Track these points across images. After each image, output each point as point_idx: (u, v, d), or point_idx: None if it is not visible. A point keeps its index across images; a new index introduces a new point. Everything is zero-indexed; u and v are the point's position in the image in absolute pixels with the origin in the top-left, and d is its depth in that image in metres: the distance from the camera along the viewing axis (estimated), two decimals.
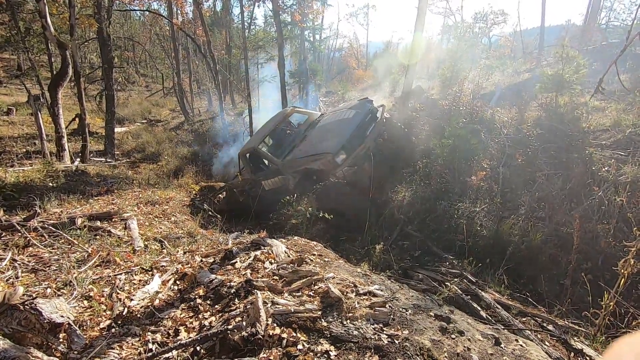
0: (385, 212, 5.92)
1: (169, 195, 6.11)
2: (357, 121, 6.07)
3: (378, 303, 2.24)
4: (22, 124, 13.18)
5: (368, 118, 6.13)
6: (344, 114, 6.59)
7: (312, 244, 3.56)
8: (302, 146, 6.33)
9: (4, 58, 24.07)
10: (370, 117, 6.15)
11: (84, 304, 2.47)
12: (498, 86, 9.38)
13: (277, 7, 10.30)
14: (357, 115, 6.23)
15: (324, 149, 5.80)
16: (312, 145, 6.18)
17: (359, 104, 6.80)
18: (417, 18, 7.58)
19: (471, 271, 4.21)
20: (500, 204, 5.19)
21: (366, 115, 6.16)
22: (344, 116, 6.55)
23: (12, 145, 9.99)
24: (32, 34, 14.74)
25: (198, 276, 2.72)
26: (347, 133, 5.85)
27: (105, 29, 10.79)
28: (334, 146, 5.71)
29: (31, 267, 2.91)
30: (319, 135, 6.41)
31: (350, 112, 6.48)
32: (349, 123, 6.13)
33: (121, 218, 4.48)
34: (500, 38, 25.63)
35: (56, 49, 10.00)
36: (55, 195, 5.12)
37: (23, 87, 18.16)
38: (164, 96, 24.06)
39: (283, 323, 2.08)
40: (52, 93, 8.30)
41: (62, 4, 10.70)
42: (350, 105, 6.96)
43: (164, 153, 11.90)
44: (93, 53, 20.53)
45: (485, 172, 5.57)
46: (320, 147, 5.93)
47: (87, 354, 1.91)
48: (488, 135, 6.52)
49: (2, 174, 5.59)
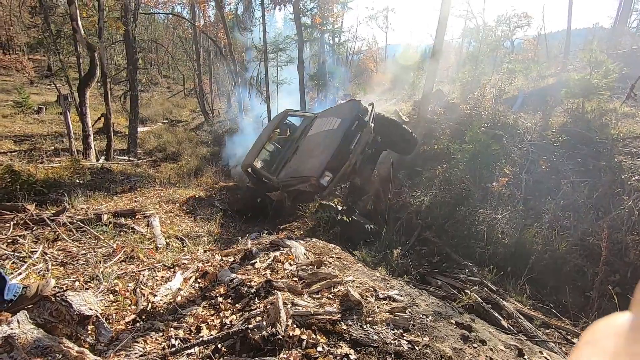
0: (403, 216, 5.86)
1: (189, 194, 6.24)
2: (341, 133, 5.39)
3: (398, 308, 2.22)
4: (51, 122, 13.72)
5: (355, 126, 5.42)
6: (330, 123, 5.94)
7: (330, 246, 3.57)
8: (293, 161, 5.89)
9: (36, 59, 25.14)
10: (357, 125, 5.42)
11: (109, 298, 2.55)
12: (521, 91, 9.17)
13: (297, 10, 10.39)
14: (343, 124, 5.54)
15: (308, 171, 5.33)
16: (301, 162, 5.73)
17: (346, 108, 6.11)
18: (439, 21, 7.50)
19: (491, 279, 4.12)
20: (522, 212, 5.07)
21: (352, 122, 5.44)
22: (330, 126, 5.90)
23: (41, 142, 10.40)
24: (62, 36, 15.38)
25: (219, 275, 2.76)
26: (331, 150, 5.26)
27: (131, 31, 11.14)
28: (317, 168, 5.19)
29: (60, 261, 3.02)
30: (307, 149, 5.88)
31: (336, 121, 5.81)
32: (334, 136, 5.49)
33: (144, 215, 4.60)
34: (524, 41, 25.02)
35: (84, 50, 10.40)
36: (82, 191, 5.31)
37: (52, 87, 18.93)
38: (185, 97, 24.62)
39: (303, 324, 2.09)
40: (81, 93, 8.62)
41: (92, 8, 11.11)
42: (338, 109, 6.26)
43: (184, 153, 12.15)
44: (119, 55, 21.17)
45: (507, 179, 5.45)
46: (305, 168, 5.47)
47: (114, 347, 1.97)
48: (511, 140, 6.37)
49: (33, 170, 5.83)
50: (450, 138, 6.91)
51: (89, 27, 12.22)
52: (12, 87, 17.57)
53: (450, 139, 6.89)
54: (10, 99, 15.34)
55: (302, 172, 5.44)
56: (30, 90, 17.65)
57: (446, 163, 6.34)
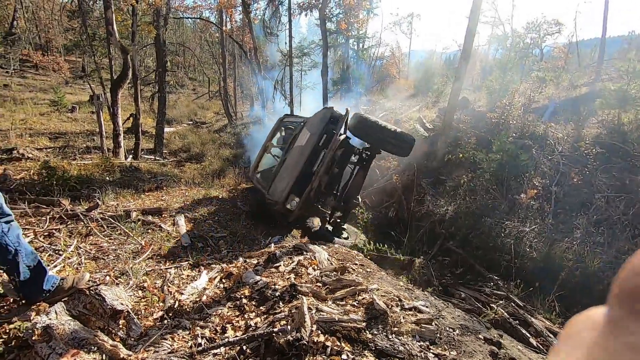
0: (425, 225, 5.77)
1: (212, 195, 6.35)
2: (307, 152, 4.98)
3: (424, 320, 2.18)
4: (83, 120, 14.33)
5: (323, 140, 4.97)
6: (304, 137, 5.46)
7: (353, 253, 3.55)
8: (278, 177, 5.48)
9: (71, 60, 26.38)
10: (325, 139, 4.94)
11: (138, 293, 2.62)
12: (552, 100, 8.88)
13: (323, 15, 10.47)
14: (310, 139, 5.08)
15: (278, 194, 5.06)
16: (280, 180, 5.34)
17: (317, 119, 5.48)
18: (468, 29, 7.38)
19: (518, 294, 3.99)
20: (552, 226, 4.90)
21: (320, 137, 4.98)
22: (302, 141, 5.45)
23: (74, 140, 10.88)
24: (97, 39, 16.06)
25: (243, 276, 2.79)
26: (295, 172, 4.94)
27: (162, 35, 11.53)
28: (282, 192, 4.96)
29: (92, 255, 3.13)
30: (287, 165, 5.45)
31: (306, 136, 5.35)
32: (301, 155, 5.12)
33: (170, 214, 4.72)
34: (554, 49, 24.27)
35: (117, 52, 10.83)
36: (112, 188, 5.50)
37: (85, 87, 19.78)
38: (209, 99, 25.20)
39: (327, 331, 2.08)
40: (113, 94, 8.97)
41: (126, 12, 11.57)
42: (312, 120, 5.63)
43: (208, 154, 12.41)
44: (149, 58, 21.93)
45: (536, 191, 5.28)
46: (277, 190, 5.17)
47: (143, 342, 2.02)
48: (540, 151, 6.18)
49: (67, 166, 6.09)
50: (476, 147, 6.76)
51: (122, 30, 12.72)
52: (48, 87, 18.49)
53: (476, 147, 6.74)
54: (47, 98, 16.14)
55: (274, 193, 5.17)
56: (65, 89, 18.51)
57: (471, 172, 6.21)
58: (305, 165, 4.90)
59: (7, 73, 19.56)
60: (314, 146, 4.94)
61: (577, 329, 0.26)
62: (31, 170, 5.74)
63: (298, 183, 4.85)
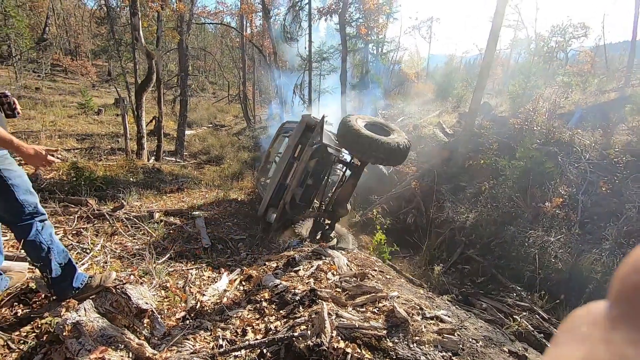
0: (445, 232, 5.67)
1: (231, 197, 6.44)
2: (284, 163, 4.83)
3: (447, 330, 2.14)
4: (108, 123, 14.82)
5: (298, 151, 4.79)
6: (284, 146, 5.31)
7: (372, 259, 3.52)
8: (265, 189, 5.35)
9: (98, 64, 27.40)
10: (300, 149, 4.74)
11: (161, 293, 2.67)
12: (578, 106, 8.60)
13: (343, 20, 10.51)
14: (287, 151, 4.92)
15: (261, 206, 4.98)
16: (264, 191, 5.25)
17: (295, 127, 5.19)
18: (491, 32, 7.26)
19: (543, 306, 3.86)
20: (579, 236, 4.72)
21: (295, 148, 4.79)
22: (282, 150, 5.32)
23: (100, 141, 11.26)
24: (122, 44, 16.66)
25: (263, 279, 2.81)
26: (272, 185, 4.85)
27: (185, 40, 11.84)
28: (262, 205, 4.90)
29: (117, 254, 3.22)
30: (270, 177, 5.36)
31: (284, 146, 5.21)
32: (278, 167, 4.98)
33: (191, 216, 4.81)
34: (580, 52, 23.54)
35: (141, 57, 11.19)
36: (136, 189, 5.66)
37: (111, 90, 20.48)
38: (229, 103, 25.65)
39: (347, 337, 2.07)
40: (138, 97, 9.25)
41: (152, 18, 11.94)
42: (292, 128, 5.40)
43: (227, 156, 12.61)
44: (172, 62, 22.53)
45: (562, 199, 5.11)
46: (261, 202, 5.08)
47: (167, 342, 2.06)
48: (566, 159, 5.98)
49: (93, 167, 6.31)
50: (498, 153, 6.61)
51: (147, 36, 13.15)
52: (76, 90, 19.23)
53: (498, 154, 6.59)
54: (75, 101, 16.80)
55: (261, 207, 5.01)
56: (92, 93, 19.22)
57: (493, 179, 6.07)
58: (281, 177, 4.78)
59: (38, 77, 20.48)
60: (290, 158, 4.79)
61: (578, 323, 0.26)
62: (60, 170, 5.97)
63: (276, 196, 4.75)
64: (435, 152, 8.08)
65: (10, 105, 2.00)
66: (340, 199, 4.60)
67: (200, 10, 17.51)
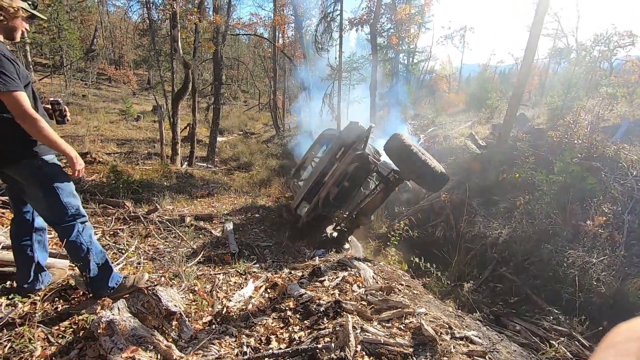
0: (475, 247, 5.46)
1: (259, 204, 6.54)
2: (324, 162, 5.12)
3: (477, 352, 2.04)
4: (146, 129, 15.58)
5: (340, 153, 5.02)
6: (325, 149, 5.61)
7: (399, 272, 3.44)
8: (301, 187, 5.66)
9: (139, 73, 28.98)
10: (342, 152, 4.98)
11: (189, 296, 2.74)
12: (624, 119, 8.08)
13: (374, 31, 10.54)
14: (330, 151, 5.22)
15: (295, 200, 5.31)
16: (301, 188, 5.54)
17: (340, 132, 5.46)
18: (529, 41, 7.01)
19: (582, 332, 3.61)
20: (624, 258, 4.40)
21: (337, 150, 5.05)
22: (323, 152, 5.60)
23: (138, 146, 11.84)
24: (162, 54, 17.57)
25: (288, 288, 2.82)
26: (310, 181, 5.14)
27: (220, 50, 12.29)
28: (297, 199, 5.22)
29: (150, 256, 3.34)
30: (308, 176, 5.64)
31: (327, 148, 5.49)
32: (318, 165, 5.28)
33: (220, 221, 4.93)
34: (625, 62, 22.20)
35: (178, 66, 11.72)
36: (169, 193, 5.88)
37: (149, 98, 21.54)
38: (259, 111, 26.26)
39: (372, 353, 2.02)
40: (174, 105, 9.68)
41: (190, 30, 12.51)
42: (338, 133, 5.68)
43: (255, 163, 12.86)
44: (207, 71, 23.44)
45: (605, 218, 4.79)
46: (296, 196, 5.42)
47: (193, 345, 2.09)
48: (610, 175, 5.62)
49: (131, 170, 6.63)
50: (535, 167, 6.31)
51: (185, 47, 13.78)
52: (118, 97, 20.42)
53: (535, 168, 6.29)
54: (116, 107, 17.83)
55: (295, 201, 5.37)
56: (132, 100, 20.32)
57: (529, 194, 5.79)
58: (320, 175, 5.06)
59: (85, 85, 21.95)
60: (331, 158, 5.08)
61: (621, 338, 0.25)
62: (101, 173, 6.32)
63: (311, 192, 5.05)
64: (467, 164, 7.85)
65: (61, 113, 2.15)
66: (366, 208, 4.65)
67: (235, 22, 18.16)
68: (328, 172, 4.98)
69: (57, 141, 1.88)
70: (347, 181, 4.87)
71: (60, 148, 1.91)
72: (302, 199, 5.04)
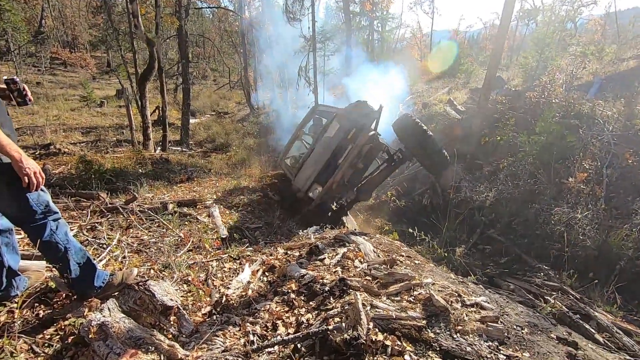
0: (463, 212, 5.52)
1: (242, 185, 6.32)
2: (334, 144, 5.02)
3: (490, 317, 2.02)
4: (111, 115, 14.65)
5: (351, 134, 4.91)
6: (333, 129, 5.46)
7: (397, 243, 3.40)
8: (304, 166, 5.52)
9: (97, 56, 27.03)
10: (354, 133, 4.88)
11: (184, 287, 2.58)
12: (597, 76, 8.25)
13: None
14: (339, 132, 5.12)
15: (302, 182, 5.19)
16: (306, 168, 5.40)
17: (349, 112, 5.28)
18: (505, 4, 6.89)
19: (572, 285, 3.74)
20: (605, 211, 4.55)
21: (348, 131, 4.94)
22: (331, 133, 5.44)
23: (105, 134, 11.12)
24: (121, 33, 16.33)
25: (287, 270, 2.71)
26: (320, 163, 5.03)
27: (184, 26, 11.50)
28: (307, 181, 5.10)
29: (135, 248, 3.12)
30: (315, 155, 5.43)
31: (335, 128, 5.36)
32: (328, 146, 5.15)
33: (204, 205, 4.70)
34: (588, 21, 22.68)
35: (139, 45, 10.90)
36: (146, 180, 5.55)
37: (111, 82, 20.22)
38: (230, 89, 25.28)
39: (385, 329, 1.96)
40: (141, 87, 9.05)
41: (149, 5, 11.58)
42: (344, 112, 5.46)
43: (232, 144, 12.43)
44: (171, 50, 22.13)
45: (586, 174, 4.92)
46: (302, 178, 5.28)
47: (196, 340, 1.96)
48: (588, 131, 5.75)
49: (102, 160, 6.20)
50: (516, 129, 6.37)
51: (145, 23, 12.79)
52: (77, 83, 19.00)
53: (516, 129, 6.36)
54: (76, 94, 16.61)
55: (299, 181, 5.29)
56: (93, 85, 18.98)
57: (512, 156, 5.86)
58: (332, 157, 4.96)
59: (39, 71, 20.24)
60: (342, 139, 4.97)
61: None
62: (68, 164, 5.87)
63: (322, 173, 4.96)
64: (448, 130, 7.85)
65: (20, 92, 1.85)
66: (367, 185, 4.74)
67: None
68: (339, 153, 4.94)
69: None
70: (362, 162, 4.84)
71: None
72: (314, 181, 4.94)
